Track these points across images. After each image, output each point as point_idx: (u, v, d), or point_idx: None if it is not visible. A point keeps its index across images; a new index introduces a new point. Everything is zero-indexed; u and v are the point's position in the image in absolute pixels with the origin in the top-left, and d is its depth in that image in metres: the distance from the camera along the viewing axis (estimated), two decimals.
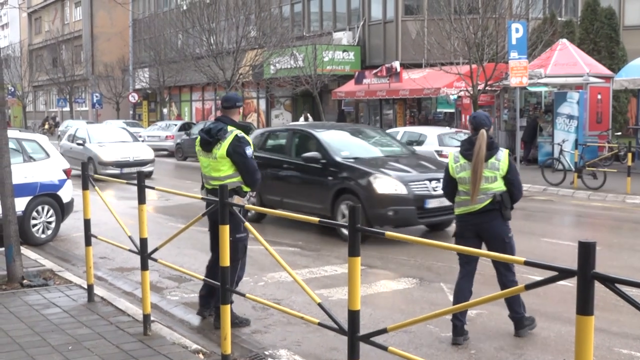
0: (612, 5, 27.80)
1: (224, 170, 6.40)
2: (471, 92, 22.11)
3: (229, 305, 5.19)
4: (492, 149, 6.11)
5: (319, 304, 4.41)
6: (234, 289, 5.59)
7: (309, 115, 34.67)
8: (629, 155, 16.97)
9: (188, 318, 6.97)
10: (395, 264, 9.27)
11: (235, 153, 6.34)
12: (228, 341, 5.14)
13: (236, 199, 6.29)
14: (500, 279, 6.27)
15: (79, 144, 21.25)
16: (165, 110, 43.36)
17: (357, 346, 4.03)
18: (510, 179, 6.16)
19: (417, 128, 21.46)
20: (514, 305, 6.26)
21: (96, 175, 6.54)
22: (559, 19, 27.21)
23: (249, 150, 6.43)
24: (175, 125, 33.32)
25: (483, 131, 6.09)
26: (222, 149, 6.35)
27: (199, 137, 6.55)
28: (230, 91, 31.18)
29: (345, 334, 4.09)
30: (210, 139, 6.38)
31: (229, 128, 6.42)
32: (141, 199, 6.09)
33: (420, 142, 18.40)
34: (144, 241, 6.12)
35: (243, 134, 6.47)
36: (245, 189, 6.50)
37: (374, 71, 28.06)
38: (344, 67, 30.74)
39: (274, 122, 36.22)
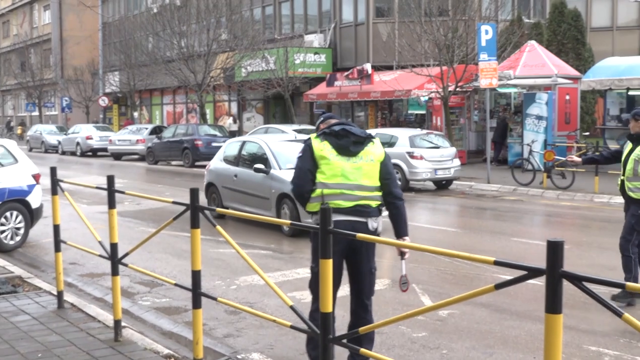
0: (580, 7, 28.21)
1: (376, 179, 5.17)
2: (442, 94, 22.26)
3: (200, 310, 5.15)
4: None
5: (292, 307, 4.41)
6: (206, 296, 5.49)
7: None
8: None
9: (160, 323, 6.91)
10: None
11: (388, 158, 5.30)
12: (200, 345, 5.11)
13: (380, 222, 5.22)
14: None
15: (258, 171, 12.53)
16: (135, 114, 42.98)
17: (330, 348, 4.02)
18: None
19: (389, 130, 21.49)
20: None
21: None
22: (528, 20, 27.50)
23: None
24: (147, 129, 33.02)
25: None
26: (379, 149, 5.24)
27: (325, 141, 5.13)
28: (202, 94, 31.10)
29: (318, 337, 4.08)
30: (364, 137, 5.18)
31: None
32: (111, 204, 6.03)
33: (391, 144, 18.46)
34: (114, 246, 6.06)
35: None
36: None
37: (346, 73, 28.13)
38: (316, 69, 30.76)
39: (245, 125, 36.13)
